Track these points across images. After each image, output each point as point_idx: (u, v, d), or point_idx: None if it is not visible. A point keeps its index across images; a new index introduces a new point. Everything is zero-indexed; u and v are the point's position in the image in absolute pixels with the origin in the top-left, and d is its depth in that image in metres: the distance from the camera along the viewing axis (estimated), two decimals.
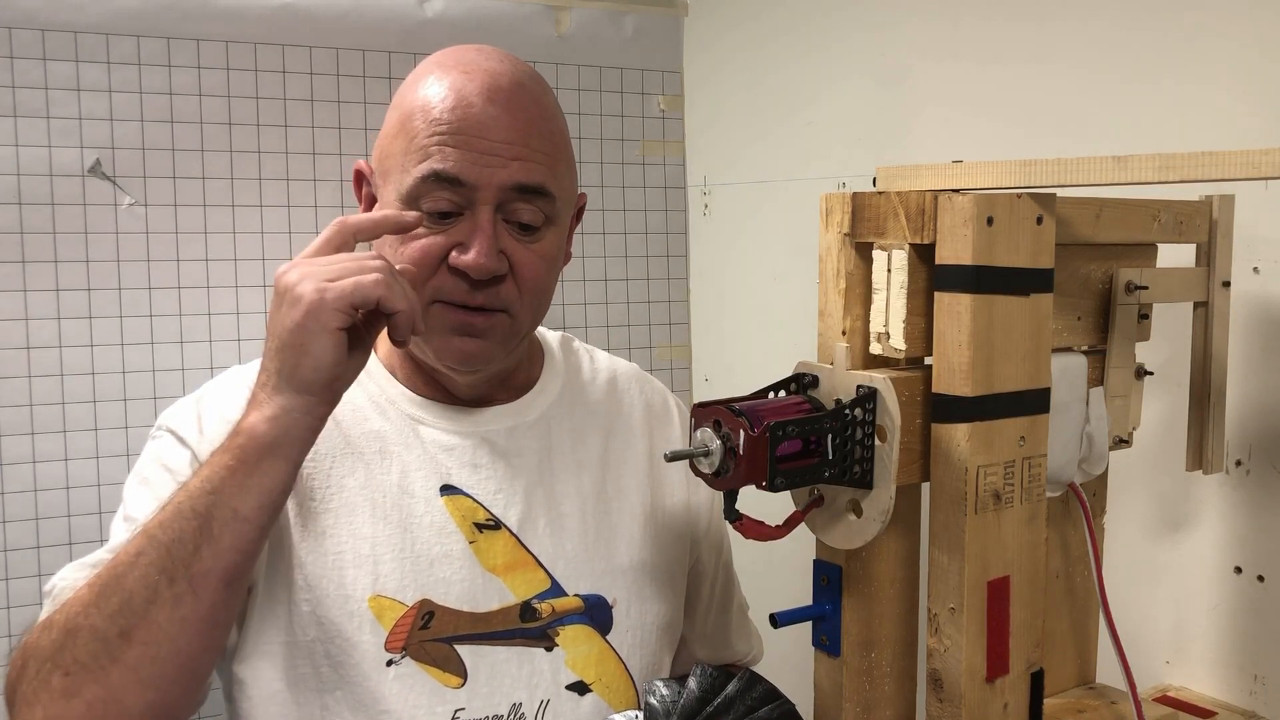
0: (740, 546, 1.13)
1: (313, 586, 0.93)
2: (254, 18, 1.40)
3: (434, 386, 1.02)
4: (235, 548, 0.81)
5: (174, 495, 0.83)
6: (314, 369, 0.81)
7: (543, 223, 0.96)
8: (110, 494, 1.34)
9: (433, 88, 0.94)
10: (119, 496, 0.96)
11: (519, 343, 1.01)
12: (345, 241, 0.86)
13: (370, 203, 1.01)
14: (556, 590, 0.99)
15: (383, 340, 1.05)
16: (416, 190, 0.92)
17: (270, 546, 0.93)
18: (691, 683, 0.89)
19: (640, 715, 0.89)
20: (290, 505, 0.93)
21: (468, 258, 0.92)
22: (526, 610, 0.98)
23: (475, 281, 0.93)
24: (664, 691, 0.89)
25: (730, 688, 0.88)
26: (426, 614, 0.94)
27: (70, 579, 0.88)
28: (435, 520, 0.97)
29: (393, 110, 0.98)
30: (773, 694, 0.88)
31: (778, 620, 0.86)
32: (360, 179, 1.03)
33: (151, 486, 0.93)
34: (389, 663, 0.92)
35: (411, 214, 0.90)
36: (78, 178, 1.33)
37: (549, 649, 0.98)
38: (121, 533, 0.92)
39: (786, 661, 1.11)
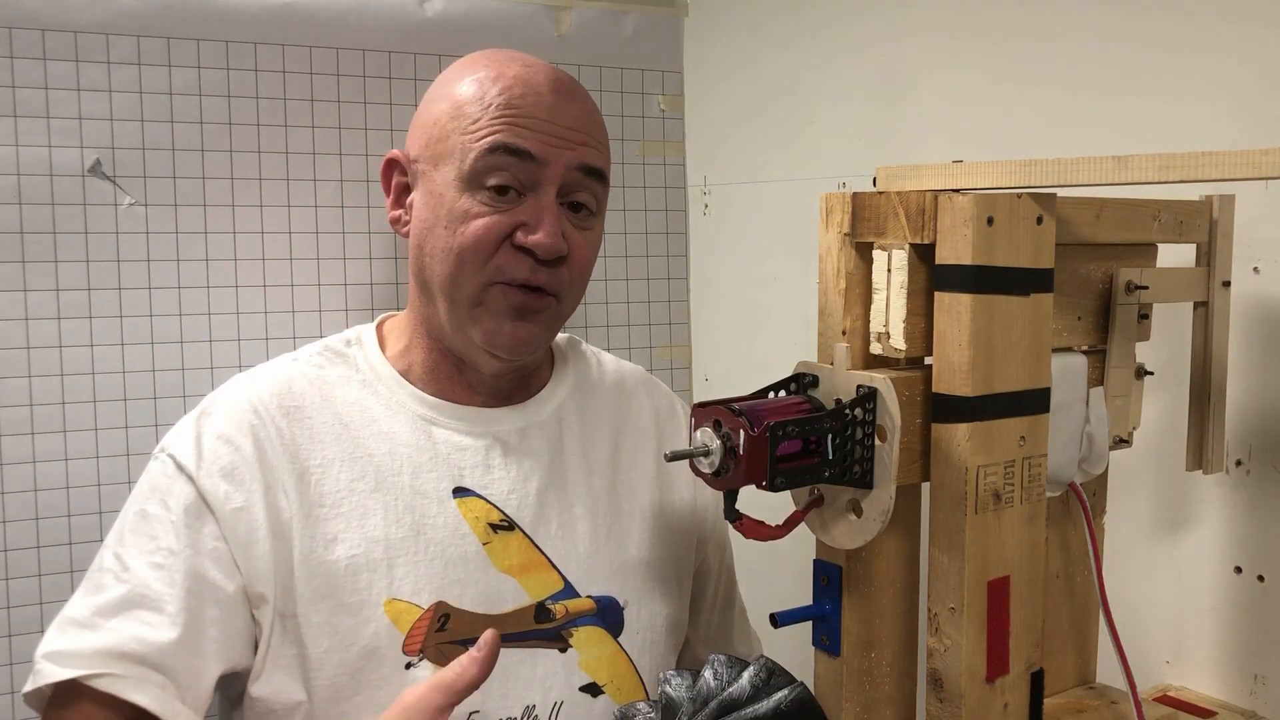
0: (740, 546, 1.13)
1: (325, 596, 0.92)
2: (254, 18, 1.40)
3: (449, 387, 1.02)
4: None
5: None
6: None
7: (596, 209, 0.98)
8: (110, 494, 1.33)
9: (494, 78, 0.95)
10: (119, 496, 0.96)
11: (558, 331, 1.02)
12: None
13: (401, 192, 1.01)
14: (569, 591, 0.99)
15: (392, 342, 1.04)
16: (482, 164, 0.92)
17: (277, 566, 0.92)
18: (707, 672, 0.88)
19: (646, 706, 0.88)
20: (295, 517, 0.92)
21: (537, 236, 0.92)
22: (541, 611, 0.97)
23: (538, 261, 0.93)
24: (677, 679, 0.88)
25: (746, 675, 0.87)
26: (442, 616, 0.94)
27: (57, 649, 0.87)
28: (448, 522, 0.96)
29: (438, 100, 0.97)
30: (789, 679, 0.87)
31: (778, 620, 0.86)
32: (392, 168, 1.02)
33: (149, 523, 0.92)
34: (407, 665, 0.92)
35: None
36: (78, 178, 1.32)
37: (563, 650, 0.98)
38: (112, 569, 0.90)
39: (787, 661, 1.10)
